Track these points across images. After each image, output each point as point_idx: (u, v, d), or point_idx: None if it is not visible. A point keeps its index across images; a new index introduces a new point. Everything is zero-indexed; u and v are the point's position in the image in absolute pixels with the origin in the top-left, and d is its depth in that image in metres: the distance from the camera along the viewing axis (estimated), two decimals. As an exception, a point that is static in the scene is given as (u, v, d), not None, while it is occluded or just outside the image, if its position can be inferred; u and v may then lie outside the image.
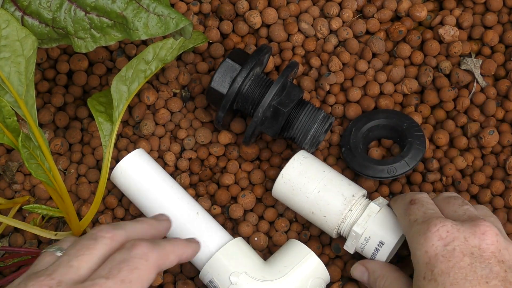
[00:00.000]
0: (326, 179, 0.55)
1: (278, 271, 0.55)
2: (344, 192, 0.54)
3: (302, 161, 0.56)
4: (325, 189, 0.54)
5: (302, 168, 0.55)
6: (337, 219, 0.53)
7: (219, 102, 0.60)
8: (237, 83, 0.58)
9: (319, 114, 0.60)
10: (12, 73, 0.52)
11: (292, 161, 0.55)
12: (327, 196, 0.54)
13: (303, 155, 0.56)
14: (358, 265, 0.55)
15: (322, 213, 0.54)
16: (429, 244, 0.47)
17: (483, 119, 0.65)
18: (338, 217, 0.54)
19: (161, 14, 0.50)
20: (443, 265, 0.46)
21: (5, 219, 0.57)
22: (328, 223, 0.54)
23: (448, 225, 0.47)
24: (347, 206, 0.54)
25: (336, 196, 0.54)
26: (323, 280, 0.56)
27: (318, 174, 0.55)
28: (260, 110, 0.57)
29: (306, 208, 0.54)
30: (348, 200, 0.54)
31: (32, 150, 0.55)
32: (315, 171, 0.55)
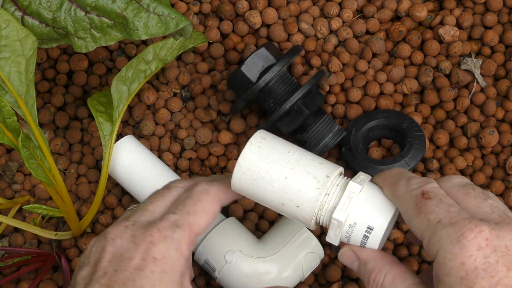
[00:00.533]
0: (292, 161, 0.44)
1: (272, 248, 0.56)
2: (317, 174, 0.44)
3: (260, 144, 0.45)
4: (293, 173, 0.44)
5: (263, 153, 0.45)
6: (313, 207, 0.43)
7: (242, 88, 0.60)
8: (272, 72, 0.59)
9: (334, 126, 0.61)
10: (12, 73, 0.52)
11: (249, 145, 0.45)
12: (296, 181, 0.44)
13: (261, 136, 0.45)
14: (346, 250, 0.46)
15: (294, 203, 0.44)
16: (466, 255, 0.38)
17: (483, 119, 0.65)
18: (313, 205, 0.44)
19: (161, 14, 0.50)
20: (486, 282, 0.38)
21: (5, 219, 0.57)
22: (303, 214, 0.44)
23: (485, 230, 0.39)
24: (322, 190, 0.44)
25: (307, 180, 0.44)
26: (317, 255, 0.57)
27: (282, 157, 0.44)
28: (288, 104, 0.58)
29: (274, 199, 0.44)
30: (323, 182, 0.44)
31: (32, 150, 0.55)
32: (277, 153, 0.45)
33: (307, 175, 0.44)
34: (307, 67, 0.67)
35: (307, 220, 0.45)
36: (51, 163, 0.56)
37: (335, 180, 0.44)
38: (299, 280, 0.57)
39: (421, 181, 0.43)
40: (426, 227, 0.41)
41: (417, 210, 0.41)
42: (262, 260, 0.55)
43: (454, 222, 0.40)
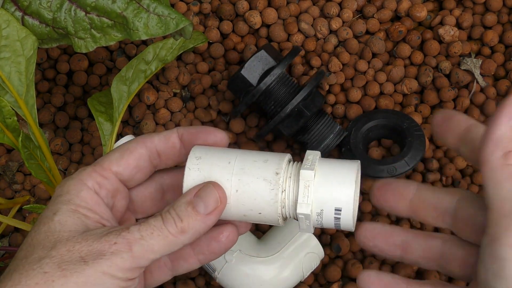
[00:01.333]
0: (236, 171, 0.41)
1: (272, 247, 0.56)
2: (265, 175, 0.41)
3: (199, 165, 0.41)
4: (242, 184, 0.41)
5: (204, 174, 0.41)
6: (274, 209, 0.41)
7: (243, 91, 0.60)
8: (273, 75, 0.59)
9: (336, 126, 0.62)
10: (12, 73, 0.52)
11: (187, 171, 0.41)
12: (248, 191, 0.41)
13: (196, 156, 0.41)
14: None
15: (255, 212, 0.41)
16: None
17: (483, 119, 0.65)
18: (274, 206, 0.41)
19: (161, 14, 0.50)
20: None
21: (5, 219, 0.57)
22: (268, 218, 0.41)
23: None
24: (278, 190, 0.40)
25: (258, 185, 0.40)
26: (317, 255, 0.57)
27: (225, 171, 0.41)
28: (289, 107, 0.58)
29: (234, 213, 0.41)
30: (274, 182, 0.40)
31: (32, 150, 0.55)
32: (219, 168, 0.41)
33: (256, 181, 0.41)
34: (307, 67, 0.67)
35: (274, 221, 0.42)
36: (51, 163, 0.56)
37: (286, 173, 0.41)
38: (299, 280, 0.57)
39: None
40: None
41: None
42: (262, 260, 0.55)
43: None
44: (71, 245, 0.36)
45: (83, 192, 0.39)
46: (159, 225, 0.37)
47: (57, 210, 0.38)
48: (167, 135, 0.41)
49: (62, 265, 0.35)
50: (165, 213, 0.38)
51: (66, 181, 0.40)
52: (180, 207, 0.38)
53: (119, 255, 0.36)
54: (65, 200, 0.38)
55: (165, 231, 0.37)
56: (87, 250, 0.36)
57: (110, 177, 0.40)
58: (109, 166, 0.40)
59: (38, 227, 0.38)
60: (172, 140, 0.41)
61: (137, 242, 0.36)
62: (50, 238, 0.37)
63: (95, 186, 0.40)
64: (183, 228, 0.37)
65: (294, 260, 0.56)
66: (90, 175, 0.40)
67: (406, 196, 0.41)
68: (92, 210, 0.39)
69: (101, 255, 0.35)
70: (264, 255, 0.56)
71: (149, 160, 0.41)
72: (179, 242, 0.37)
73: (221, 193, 0.39)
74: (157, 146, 0.41)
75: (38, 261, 0.36)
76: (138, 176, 0.41)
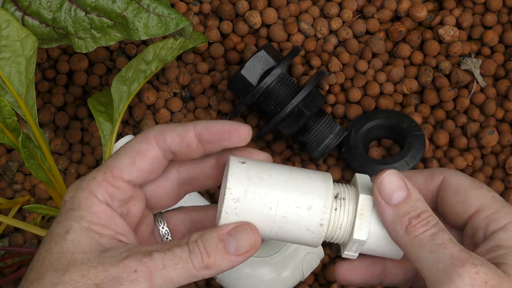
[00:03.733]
0: (278, 218, 0.36)
1: (272, 247, 0.56)
2: (309, 225, 0.37)
3: (237, 210, 0.36)
4: (284, 232, 0.37)
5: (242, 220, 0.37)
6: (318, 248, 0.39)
7: (243, 91, 0.60)
8: (273, 75, 0.59)
9: (335, 126, 0.62)
10: (12, 73, 0.52)
11: (224, 215, 0.36)
12: (290, 239, 0.38)
13: (233, 199, 0.36)
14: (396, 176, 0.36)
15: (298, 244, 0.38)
16: None
17: (483, 119, 0.65)
18: (317, 242, 0.37)
19: (161, 14, 0.50)
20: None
21: (6, 219, 0.57)
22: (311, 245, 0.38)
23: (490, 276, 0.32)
24: (320, 237, 0.37)
25: (301, 234, 0.37)
26: (317, 255, 0.57)
27: (265, 218, 0.36)
28: (289, 107, 0.58)
29: None
30: (317, 232, 0.37)
31: (32, 150, 0.55)
32: (259, 215, 0.36)
33: (298, 229, 0.37)
34: (307, 67, 0.67)
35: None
36: (51, 163, 0.56)
37: (331, 216, 0.37)
38: (299, 280, 0.57)
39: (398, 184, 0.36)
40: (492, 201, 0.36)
41: (478, 186, 0.37)
42: (262, 260, 0.55)
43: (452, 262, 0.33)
44: (86, 270, 0.34)
45: (94, 207, 0.36)
46: (185, 258, 0.34)
47: (69, 228, 0.36)
48: (181, 134, 0.37)
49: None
50: (192, 244, 0.35)
51: (76, 192, 0.37)
52: (211, 241, 0.35)
53: (138, 285, 0.33)
54: (77, 216, 0.36)
55: (190, 265, 0.34)
56: (103, 276, 0.33)
57: (122, 186, 0.37)
58: (120, 174, 0.37)
59: (50, 246, 0.35)
60: (187, 141, 0.37)
61: (158, 272, 0.34)
62: (63, 260, 0.35)
63: (106, 198, 0.37)
64: (209, 264, 0.35)
65: (294, 260, 0.56)
66: (101, 185, 0.37)
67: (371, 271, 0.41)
68: (106, 226, 0.36)
69: (118, 284, 0.33)
70: (264, 255, 0.56)
71: (164, 158, 0.38)
72: (200, 276, 0.35)
73: (257, 238, 0.36)
74: (170, 145, 0.38)
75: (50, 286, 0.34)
76: (152, 177, 0.39)
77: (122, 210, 0.38)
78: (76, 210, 0.36)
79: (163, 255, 0.34)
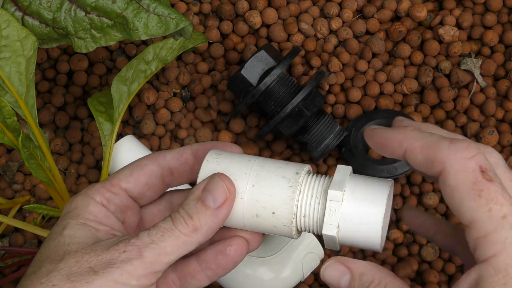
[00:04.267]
0: (256, 167, 0.39)
1: (272, 247, 0.56)
2: (285, 173, 0.39)
3: (218, 159, 0.40)
4: (260, 179, 0.39)
5: (222, 167, 0.39)
6: (290, 208, 0.39)
7: (243, 91, 0.60)
8: (273, 75, 0.59)
9: (335, 126, 0.62)
10: (12, 73, 0.52)
11: (205, 163, 0.39)
12: (265, 186, 0.39)
13: (216, 153, 0.40)
14: (334, 264, 0.38)
15: (269, 210, 0.39)
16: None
17: (483, 119, 0.65)
18: (290, 205, 0.39)
19: (161, 14, 0.50)
20: None
21: (6, 219, 0.57)
22: (281, 220, 0.39)
23: None
24: (296, 188, 0.39)
25: (276, 181, 0.39)
26: (317, 255, 0.57)
27: (244, 166, 0.39)
28: (289, 107, 0.58)
29: (246, 212, 0.39)
30: (293, 180, 0.39)
31: (32, 150, 0.55)
32: (238, 163, 0.40)
33: (275, 177, 0.39)
34: (307, 67, 0.67)
35: (287, 226, 0.40)
36: (51, 163, 0.56)
37: (305, 178, 0.39)
38: (299, 280, 0.57)
39: (470, 145, 0.34)
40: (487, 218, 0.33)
41: (476, 192, 0.33)
42: (262, 260, 0.55)
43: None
44: (80, 256, 0.35)
45: (90, 206, 0.38)
46: (169, 227, 0.35)
47: (66, 224, 0.37)
48: (180, 152, 0.40)
49: (71, 276, 0.34)
50: (174, 213, 0.36)
51: (74, 197, 0.39)
52: (189, 204, 0.36)
53: (130, 262, 0.34)
54: (74, 215, 0.38)
55: (176, 232, 0.35)
56: (96, 260, 0.35)
57: (119, 193, 0.39)
58: (118, 182, 0.39)
59: (48, 243, 0.37)
60: (185, 156, 0.40)
61: (147, 247, 0.35)
62: (59, 251, 0.36)
63: (103, 201, 0.39)
64: (195, 225, 0.35)
65: (294, 260, 0.56)
66: (98, 190, 0.39)
67: None
68: (102, 223, 0.38)
69: (111, 264, 0.34)
70: (264, 255, 0.56)
71: (161, 177, 0.40)
72: (193, 241, 0.36)
73: (228, 182, 0.37)
74: (170, 162, 0.40)
75: (46, 275, 0.35)
76: (149, 194, 0.40)
77: (118, 216, 0.39)
78: (73, 210, 0.38)
79: (149, 231, 0.35)
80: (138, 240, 0.35)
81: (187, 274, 0.39)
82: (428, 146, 0.35)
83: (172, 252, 0.35)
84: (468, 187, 0.33)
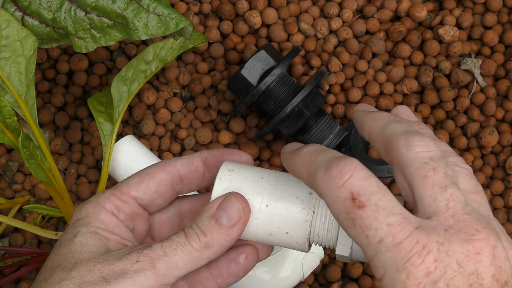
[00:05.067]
0: (269, 187, 0.40)
1: None
2: (298, 193, 0.40)
3: (230, 177, 0.40)
4: (274, 199, 0.40)
5: (235, 185, 0.40)
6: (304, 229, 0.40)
7: (243, 91, 0.60)
8: (273, 75, 0.59)
9: (336, 126, 0.62)
10: (12, 73, 0.52)
11: (218, 181, 0.40)
12: (279, 207, 0.40)
13: (228, 169, 0.40)
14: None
15: (283, 230, 0.40)
16: (414, 283, 0.32)
17: (483, 119, 0.65)
18: (304, 226, 0.40)
19: (161, 14, 0.50)
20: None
21: (5, 219, 0.57)
22: (295, 239, 0.40)
23: (433, 249, 0.32)
24: (309, 209, 0.39)
25: (290, 202, 0.40)
26: (317, 255, 0.57)
27: (256, 184, 0.40)
28: (289, 107, 0.59)
29: (260, 231, 0.40)
30: (307, 201, 0.40)
31: (32, 150, 0.55)
32: (251, 182, 0.40)
33: (289, 197, 0.40)
34: (307, 67, 0.67)
35: (301, 245, 0.41)
36: (51, 163, 0.56)
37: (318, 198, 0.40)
38: (299, 280, 0.57)
39: (343, 169, 0.33)
40: (366, 245, 0.33)
41: (351, 222, 0.33)
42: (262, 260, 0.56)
43: (398, 242, 0.33)
44: (92, 265, 0.35)
45: (101, 215, 0.38)
46: (183, 241, 0.36)
47: (77, 232, 0.37)
48: (190, 159, 0.41)
49: (83, 285, 0.34)
50: (188, 229, 0.36)
51: (84, 204, 0.39)
52: (203, 221, 0.37)
53: (142, 273, 0.34)
54: (85, 222, 0.38)
55: (189, 247, 0.36)
56: (109, 270, 0.35)
57: (129, 201, 0.39)
58: (128, 190, 0.39)
59: (59, 250, 0.37)
60: (195, 164, 0.40)
61: (160, 259, 0.35)
62: (70, 259, 0.36)
63: (113, 209, 0.39)
64: (207, 243, 0.36)
65: (294, 260, 0.56)
66: (108, 198, 0.39)
67: None
68: (113, 232, 0.38)
69: (124, 274, 0.34)
70: None
71: (171, 185, 0.40)
72: (204, 257, 0.36)
73: (243, 203, 0.37)
74: (180, 170, 0.40)
75: (58, 283, 0.35)
76: (158, 202, 0.40)
77: (128, 224, 0.39)
78: (84, 218, 0.38)
79: (162, 243, 0.36)
80: (151, 252, 0.35)
81: (197, 282, 0.40)
82: (309, 175, 0.35)
83: (183, 266, 0.36)
84: (344, 218, 0.33)
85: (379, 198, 0.33)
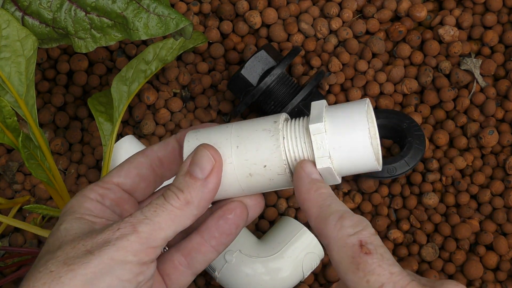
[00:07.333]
0: (235, 131, 0.40)
1: (272, 248, 0.56)
2: (264, 126, 0.39)
3: (197, 136, 0.40)
4: (242, 139, 0.39)
5: (203, 140, 0.40)
6: (278, 155, 0.38)
7: (243, 91, 0.60)
8: (273, 75, 0.59)
9: None
10: (12, 73, 0.52)
11: (186, 143, 0.40)
12: (249, 143, 0.39)
13: (194, 131, 0.41)
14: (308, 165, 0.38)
15: (260, 165, 0.39)
16: None
17: (483, 119, 0.65)
18: (278, 152, 0.39)
19: (161, 14, 0.50)
20: None
21: (6, 219, 0.57)
22: (275, 169, 0.39)
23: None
24: (278, 135, 0.39)
25: (258, 135, 0.39)
26: (317, 255, 0.57)
27: (223, 133, 0.40)
28: (289, 107, 0.59)
29: (239, 175, 0.39)
30: (273, 128, 0.39)
31: (32, 150, 0.55)
32: (217, 133, 0.40)
33: (255, 132, 0.39)
34: (307, 67, 0.67)
35: (282, 175, 0.39)
36: (51, 163, 0.56)
37: (284, 124, 0.40)
38: (299, 280, 0.57)
39: (356, 222, 0.36)
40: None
41: (355, 265, 0.35)
42: (262, 260, 0.55)
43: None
44: (76, 243, 0.35)
45: (86, 203, 0.39)
46: (162, 202, 0.36)
47: (63, 221, 0.38)
48: (165, 141, 0.41)
49: (68, 260, 0.35)
50: (166, 191, 0.37)
51: (70, 200, 0.40)
52: (178, 179, 0.37)
53: (125, 238, 0.35)
54: (70, 212, 0.38)
55: (169, 206, 0.36)
56: (92, 243, 0.35)
57: (113, 187, 0.40)
58: (110, 178, 0.40)
59: (47, 241, 0.38)
60: (171, 145, 0.41)
61: (141, 222, 0.35)
62: (56, 243, 0.36)
63: (97, 198, 0.39)
64: (186, 198, 0.36)
65: (294, 260, 0.56)
66: (92, 189, 0.40)
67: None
68: (98, 216, 0.38)
69: (107, 243, 0.35)
70: (264, 255, 0.56)
71: (151, 167, 0.41)
72: (187, 214, 0.36)
73: (211, 150, 0.37)
74: (158, 152, 0.41)
75: (44, 264, 0.35)
76: (142, 186, 0.41)
77: (115, 210, 0.40)
78: (69, 209, 0.39)
79: (142, 209, 0.36)
80: (131, 218, 0.35)
81: (191, 249, 0.40)
82: (319, 217, 0.36)
83: (167, 226, 0.36)
84: (349, 261, 0.35)
85: (384, 251, 0.35)
